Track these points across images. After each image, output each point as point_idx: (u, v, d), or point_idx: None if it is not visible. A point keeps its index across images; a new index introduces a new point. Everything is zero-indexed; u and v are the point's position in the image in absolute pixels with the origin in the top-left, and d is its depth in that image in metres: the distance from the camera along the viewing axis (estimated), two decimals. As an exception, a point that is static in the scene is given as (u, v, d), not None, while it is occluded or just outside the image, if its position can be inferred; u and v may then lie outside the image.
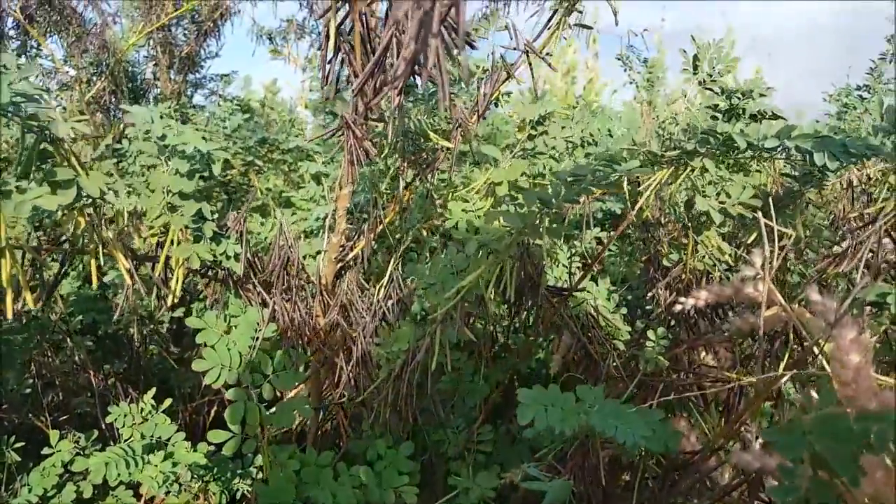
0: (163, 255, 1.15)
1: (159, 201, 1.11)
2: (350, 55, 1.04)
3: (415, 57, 0.65)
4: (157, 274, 1.17)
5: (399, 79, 0.70)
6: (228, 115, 2.82)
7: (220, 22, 3.39)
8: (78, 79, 3.04)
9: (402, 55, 0.64)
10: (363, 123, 1.09)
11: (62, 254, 1.26)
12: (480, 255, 1.03)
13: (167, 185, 1.06)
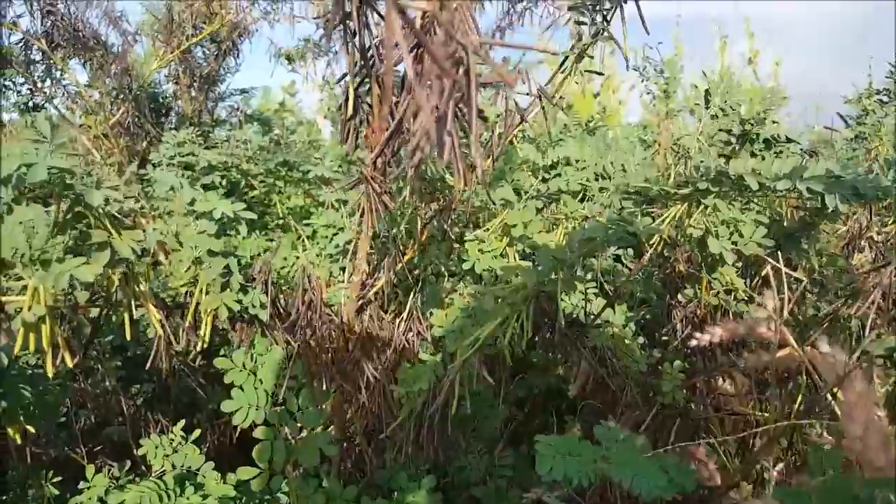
0: (192, 304, 1.20)
1: (188, 255, 1.16)
2: (369, 116, 1.08)
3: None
4: (187, 323, 1.22)
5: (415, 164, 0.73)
6: (251, 136, 2.88)
7: (240, 40, 3.45)
8: (102, 103, 3.12)
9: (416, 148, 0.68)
10: (381, 179, 1.13)
11: (98, 309, 1.32)
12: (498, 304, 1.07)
13: (196, 243, 1.11)
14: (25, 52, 3.21)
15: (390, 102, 1.01)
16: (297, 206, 3.02)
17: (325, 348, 1.45)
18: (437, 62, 0.57)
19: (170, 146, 2.61)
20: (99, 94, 3.17)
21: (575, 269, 1.02)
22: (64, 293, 1.15)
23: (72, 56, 2.99)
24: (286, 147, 3.19)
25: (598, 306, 1.55)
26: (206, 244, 1.09)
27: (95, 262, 1.02)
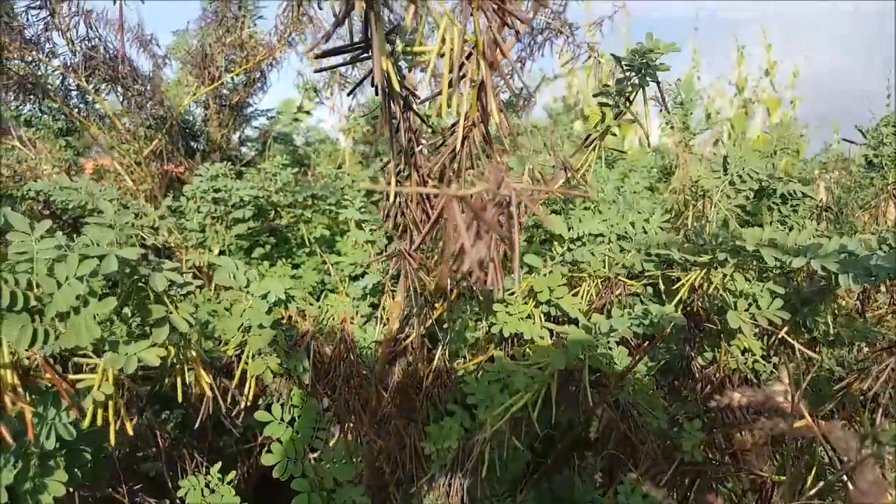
0: (239, 368, 1.28)
1: (238, 325, 1.24)
2: (407, 208, 1.15)
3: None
4: (234, 385, 1.30)
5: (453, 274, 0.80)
6: (280, 169, 2.97)
7: (268, 70, 3.55)
8: (136, 133, 3.23)
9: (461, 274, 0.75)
10: (418, 256, 1.20)
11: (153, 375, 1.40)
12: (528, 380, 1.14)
13: (248, 318, 1.19)
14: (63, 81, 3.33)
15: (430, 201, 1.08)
16: (322, 235, 3.12)
17: (358, 401, 1.53)
18: (487, 225, 0.65)
19: (203, 180, 2.70)
20: (132, 124, 3.27)
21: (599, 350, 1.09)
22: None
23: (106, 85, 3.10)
24: (314, 178, 3.27)
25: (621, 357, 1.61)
26: (258, 319, 1.17)
27: (156, 338, 1.11)
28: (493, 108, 0.93)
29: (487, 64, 0.92)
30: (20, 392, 0.97)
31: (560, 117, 8.87)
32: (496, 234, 0.65)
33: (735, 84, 10.57)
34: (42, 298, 0.95)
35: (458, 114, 0.96)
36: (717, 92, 10.62)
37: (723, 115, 10.30)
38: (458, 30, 0.89)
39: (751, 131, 9.93)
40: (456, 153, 1.02)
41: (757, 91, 10.74)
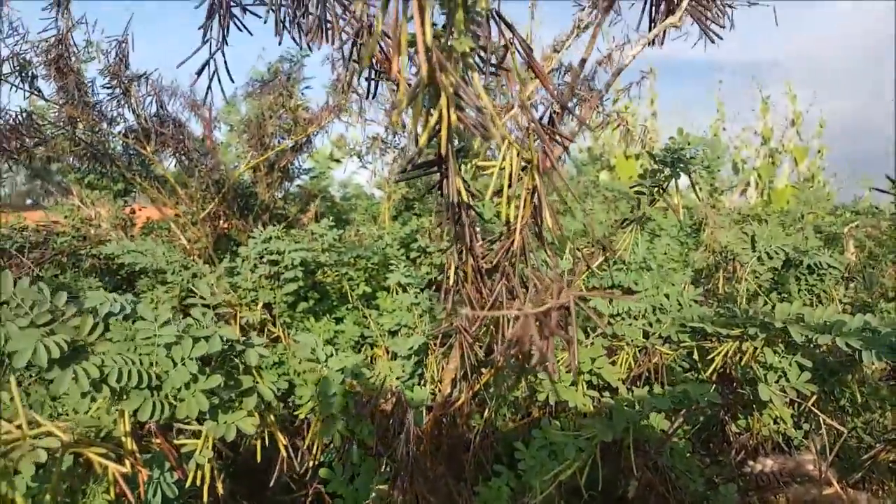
0: (311, 432, 1.42)
1: (311, 393, 1.38)
2: (463, 286, 1.30)
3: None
4: (304, 446, 1.44)
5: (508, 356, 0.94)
6: (326, 230, 3.16)
7: (313, 135, 3.79)
8: (193, 196, 3.46)
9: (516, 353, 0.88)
10: (474, 331, 1.35)
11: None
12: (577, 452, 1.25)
13: (322, 388, 1.33)
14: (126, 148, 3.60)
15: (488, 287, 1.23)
16: (364, 292, 3.28)
17: (412, 460, 1.65)
18: (551, 330, 0.79)
19: (257, 242, 2.90)
20: (188, 187, 3.51)
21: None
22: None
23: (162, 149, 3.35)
24: (357, 238, 3.45)
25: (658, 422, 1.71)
26: (331, 388, 1.32)
27: (246, 407, 1.26)
28: (547, 213, 1.08)
29: (540, 175, 1.07)
30: (138, 457, 1.12)
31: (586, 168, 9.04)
32: (559, 336, 0.79)
33: (761, 134, 10.69)
34: (161, 376, 1.11)
35: (514, 217, 1.11)
36: (744, 142, 10.74)
37: (749, 165, 10.39)
38: (516, 149, 1.05)
39: (778, 181, 9.98)
40: (511, 249, 1.17)
41: (783, 140, 10.83)
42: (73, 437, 1.01)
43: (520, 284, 1.22)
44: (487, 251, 1.24)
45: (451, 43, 0.78)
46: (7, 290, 1.01)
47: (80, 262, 3.45)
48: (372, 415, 1.49)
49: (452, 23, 0.80)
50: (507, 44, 0.96)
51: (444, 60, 0.75)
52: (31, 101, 3.67)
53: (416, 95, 0.82)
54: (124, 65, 2.84)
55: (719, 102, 10.59)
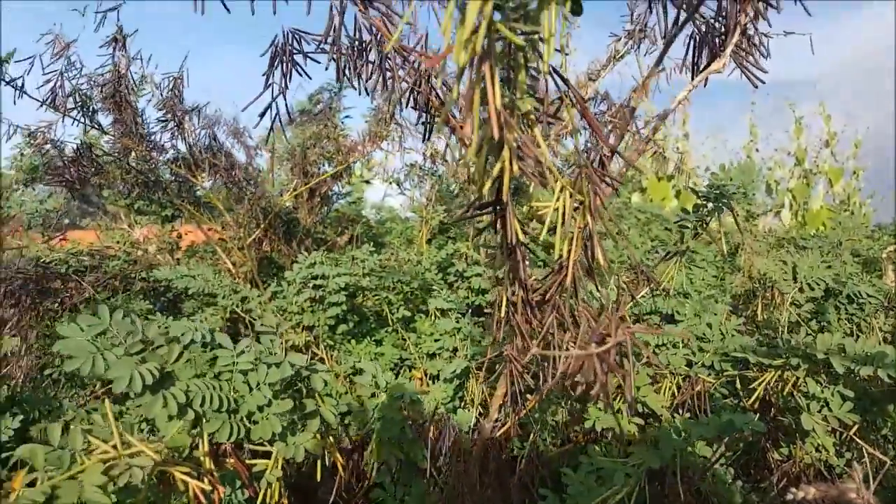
0: (366, 453, 1.50)
1: (370, 417, 1.46)
2: (513, 315, 1.37)
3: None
4: (363, 465, 1.51)
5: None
6: (367, 256, 3.26)
7: (352, 163, 3.92)
8: (240, 222, 3.60)
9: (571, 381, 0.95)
10: (524, 362, 1.41)
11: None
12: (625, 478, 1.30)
13: (380, 412, 1.41)
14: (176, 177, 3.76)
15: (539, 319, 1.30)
16: (403, 315, 3.36)
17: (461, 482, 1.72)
18: (610, 367, 0.86)
19: (302, 267, 3.01)
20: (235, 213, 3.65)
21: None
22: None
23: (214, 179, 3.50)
24: (397, 263, 3.55)
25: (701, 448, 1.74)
26: (390, 414, 1.39)
27: (311, 429, 1.34)
28: (599, 251, 1.15)
29: (592, 215, 1.14)
30: (215, 475, 1.21)
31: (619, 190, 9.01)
32: (616, 373, 0.86)
33: (794, 155, 10.59)
34: (238, 400, 1.20)
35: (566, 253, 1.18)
36: (777, 163, 10.64)
37: (783, 187, 10.28)
38: (569, 191, 1.13)
39: (813, 202, 9.85)
40: (563, 283, 1.24)
41: (817, 161, 10.70)
42: (161, 457, 1.10)
43: (569, 316, 1.28)
44: (539, 285, 1.31)
45: (516, 102, 0.86)
46: (105, 322, 1.11)
47: (131, 285, 3.60)
48: (426, 440, 1.56)
49: (515, 82, 0.88)
50: (562, 96, 1.04)
51: (509, 119, 0.83)
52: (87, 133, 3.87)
53: (481, 149, 0.90)
54: (179, 99, 2.99)
55: (752, 124, 10.53)
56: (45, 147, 3.75)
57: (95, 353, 1.05)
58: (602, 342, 0.98)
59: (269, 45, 1.57)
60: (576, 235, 1.16)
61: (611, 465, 1.32)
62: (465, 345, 2.65)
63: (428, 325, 3.28)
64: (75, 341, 1.05)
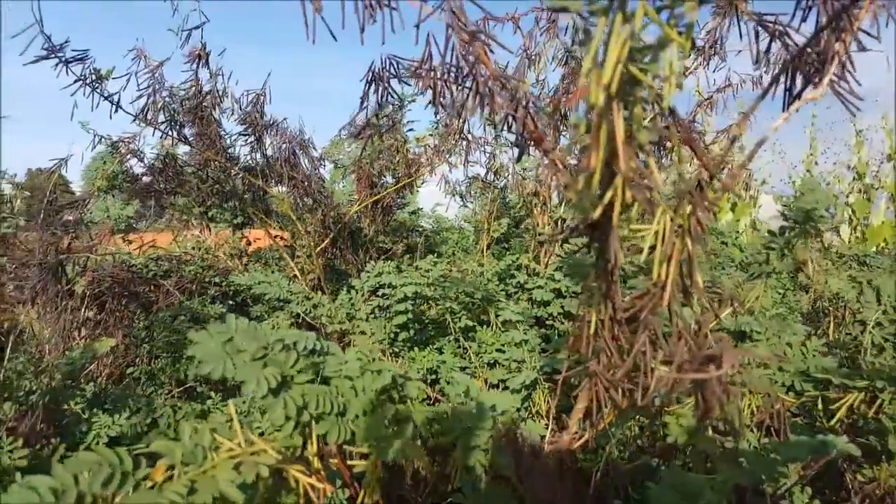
0: (453, 459, 1.56)
1: (458, 425, 1.53)
2: (602, 332, 1.42)
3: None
4: (448, 470, 1.58)
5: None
6: (431, 266, 3.35)
7: (416, 177, 4.02)
8: (309, 231, 3.74)
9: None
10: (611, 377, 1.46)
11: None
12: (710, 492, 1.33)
13: (468, 420, 1.47)
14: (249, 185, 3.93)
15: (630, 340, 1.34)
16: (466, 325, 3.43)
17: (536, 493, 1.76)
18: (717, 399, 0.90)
19: (370, 276, 3.12)
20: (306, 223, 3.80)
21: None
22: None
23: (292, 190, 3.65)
24: (461, 274, 3.62)
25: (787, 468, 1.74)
26: (475, 421, 1.46)
27: (403, 435, 1.41)
28: (697, 274, 1.19)
29: (692, 238, 1.19)
30: (322, 475, 1.29)
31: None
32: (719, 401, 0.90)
33: (855, 169, 10.26)
34: (345, 404, 1.28)
35: (664, 275, 1.23)
36: (836, 177, 10.33)
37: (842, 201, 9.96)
38: (670, 215, 1.17)
39: (874, 217, 9.51)
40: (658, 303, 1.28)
41: (879, 175, 10.34)
42: (281, 456, 1.19)
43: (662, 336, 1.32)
44: (630, 305, 1.35)
45: (635, 134, 0.91)
46: (231, 329, 1.21)
47: (206, 289, 3.77)
48: (506, 447, 1.61)
49: (631, 115, 0.94)
50: (668, 126, 1.09)
51: (629, 151, 0.89)
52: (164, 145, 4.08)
53: (592, 178, 0.96)
54: (260, 114, 3.14)
55: (812, 137, 10.25)
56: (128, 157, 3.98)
57: (226, 358, 1.15)
58: (710, 363, 1.02)
59: (367, 70, 1.66)
60: (674, 258, 1.20)
61: (698, 480, 1.35)
62: (532, 356, 2.70)
63: (490, 335, 3.33)
64: (208, 346, 1.15)
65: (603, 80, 0.77)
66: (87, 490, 0.98)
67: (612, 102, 0.81)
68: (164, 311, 3.39)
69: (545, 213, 3.33)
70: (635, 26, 0.76)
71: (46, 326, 3.41)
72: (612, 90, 0.78)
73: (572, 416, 1.73)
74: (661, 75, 0.86)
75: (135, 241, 3.86)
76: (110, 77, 2.66)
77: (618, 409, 1.80)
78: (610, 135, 0.85)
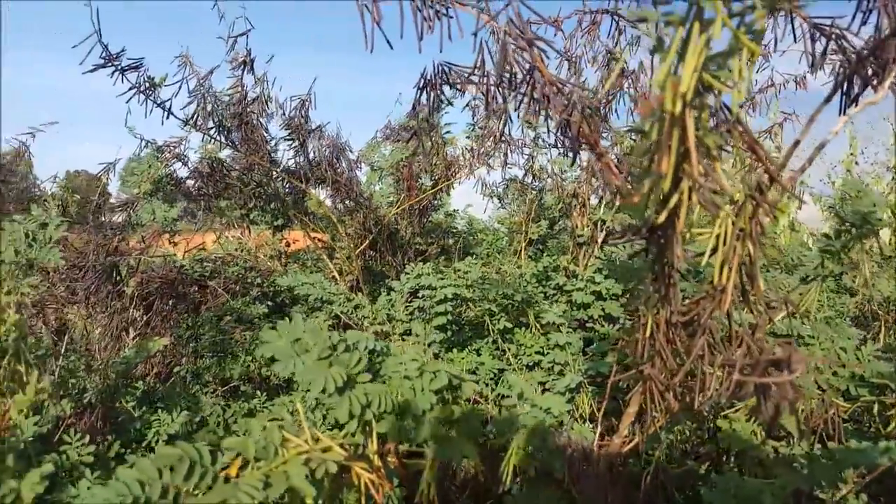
0: (507, 459, 1.58)
1: (512, 426, 1.55)
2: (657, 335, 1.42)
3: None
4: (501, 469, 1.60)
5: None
6: (470, 268, 3.37)
7: (454, 179, 4.05)
8: (349, 234, 3.80)
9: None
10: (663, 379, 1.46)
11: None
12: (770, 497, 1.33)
13: (524, 421, 1.49)
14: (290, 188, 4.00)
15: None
16: (505, 327, 3.43)
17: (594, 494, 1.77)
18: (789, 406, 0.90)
19: (410, 278, 3.15)
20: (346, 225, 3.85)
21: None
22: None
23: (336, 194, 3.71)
24: (500, 276, 3.64)
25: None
26: (533, 424, 1.48)
27: (458, 433, 1.43)
28: (758, 280, 1.19)
29: (753, 242, 1.19)
30: (382, 472, 1.33)
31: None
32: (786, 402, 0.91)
33: (893, 169, 9.98)
34: (404, 404, 1.31)
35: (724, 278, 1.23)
36: (875, 177, 10.06)
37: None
38: (731, 218, 1.18)
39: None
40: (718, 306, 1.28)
41: (921, 178, 10.03)
42: (347, 453, 1.22)
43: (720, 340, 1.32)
44: (688, 309, 1.36)
45: (704, 139, 0.92)
46: (299, 330, 1.24)
47: (248, 290, 3.85)
48: (558, 449, 1.63)
49: (699, 121, 0.95)
50: (729, 128, 1.10)
51: (698, 155, 0.90)
52: (208, 149, 4.18)
53: (659, 181, 0.97)
54: (304, 119, 3.20)
55: (852, 137, 10.00)
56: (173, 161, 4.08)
57: (295, 357, 1.19)
58: (775, 366, 1.03)
59: (420, 77, 1.69)
60: (734, 261, 1.20)
61: (754, 484, 1.34)
62: (576, 359, 2.70)
63: (529, 337, 3.34)
64: (279, 345, 1.19)
65: (681, 88, 0.78)
66: (170, 483, 1.03)
67: (686, 109, 0.82)
68: (211, 312, 3.48)
69: (584, 215, 3.33)
70: (713, 35, 0.77)
71: (96, 326, 3.53)
72: (688, 97, 0.79)
73: (623, 420, 1.73)
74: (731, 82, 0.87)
75: (180, 242, 3.95)
76: (163, 84, 2.74)
77: (669, 414, 1.80)
78: (681, 140, 0.86)
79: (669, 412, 1.76)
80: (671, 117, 0.83)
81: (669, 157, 0.87)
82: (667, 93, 0.80)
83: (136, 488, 0.97)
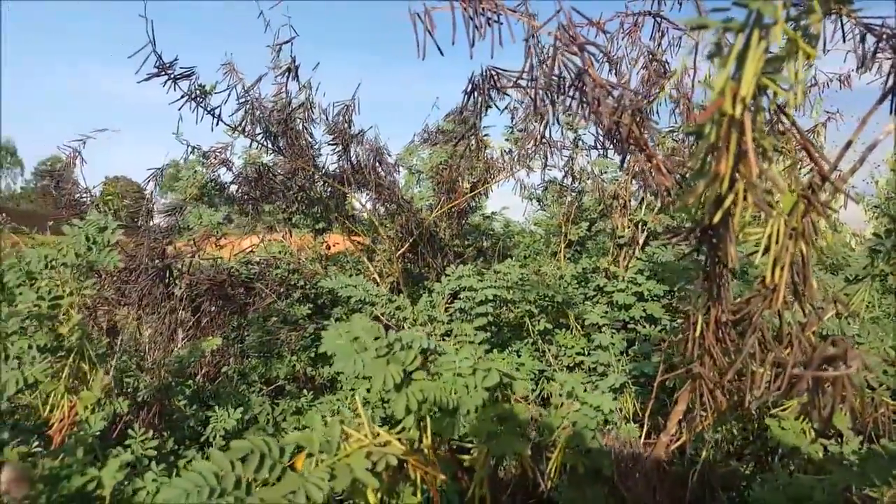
0: (555, 457, 1.61)
1: (560, 424, 1.57)
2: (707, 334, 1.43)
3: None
4: (547, 467, 1.63)
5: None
6: (510, 269, 3.40)
7: (493, 181, 4.08)
8: (390, 237, 3.86)
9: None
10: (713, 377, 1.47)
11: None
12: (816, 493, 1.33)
13: (573, 420, 1.52)
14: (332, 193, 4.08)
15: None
16: (545, 328, 3.45)
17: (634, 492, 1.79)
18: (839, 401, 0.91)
19: (451, 279, 3.20)
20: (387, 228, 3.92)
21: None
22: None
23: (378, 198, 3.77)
24: (540, 278, 3.65)
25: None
26: (585, 423, 1.50)
27: (509, 431, 1.47)
28: (811, 280, 1.20)
29: (807, 242, 1.20)
30: (437, 466, 1.37)
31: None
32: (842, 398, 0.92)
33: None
34: (458, 401, 1.35)
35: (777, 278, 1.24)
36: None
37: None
38: (784, 219, 1.19)
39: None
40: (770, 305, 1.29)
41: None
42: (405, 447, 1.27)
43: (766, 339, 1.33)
44: (738, 308, 1.37)
45: (760, 141, 0.94)
46: (357, 329, 1.30)
47: (292, 291, 3.94)
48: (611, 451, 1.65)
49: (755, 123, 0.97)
50: (783, 130, 1.11)
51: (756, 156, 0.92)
52: (251, 155, 4.29)
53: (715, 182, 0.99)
54: (348, 125, 3.27)
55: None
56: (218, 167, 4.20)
57: (355, 355, 1.24)
58: (829, 364, 1.04)
59: (468, 82, 1.73)
60: (787, 260, 1.21)
61: (806, 482, 1.35)
62: (619, 360, 2.71)
63: (570, 338, 3.35)
64: (340, 344, 1.24)
65: (741, 91, 0.81)
66: (242, 474, 1.09)
67: (744, 112, 0.85)
68: (258, 313, 3.58)
69: (625, 216, 3.33)
70: (772, 40, 0.79)
71: (148, 327, 3.66)
72: (748, 101, 0.82)
73: (671, 418, 1.75)
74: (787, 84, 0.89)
75: (226, 246, 4.07)
76: (213, 92, 2.84)
77: (717, 412, 1.81)
78: (738, 142, 0.88)
79: (718, 411, 1.77)
80: (730, 120, 0.86)
81: (728, 159, 0.89)
82: (726, 97, 0.82)
83: (211, 479, 1.02)
